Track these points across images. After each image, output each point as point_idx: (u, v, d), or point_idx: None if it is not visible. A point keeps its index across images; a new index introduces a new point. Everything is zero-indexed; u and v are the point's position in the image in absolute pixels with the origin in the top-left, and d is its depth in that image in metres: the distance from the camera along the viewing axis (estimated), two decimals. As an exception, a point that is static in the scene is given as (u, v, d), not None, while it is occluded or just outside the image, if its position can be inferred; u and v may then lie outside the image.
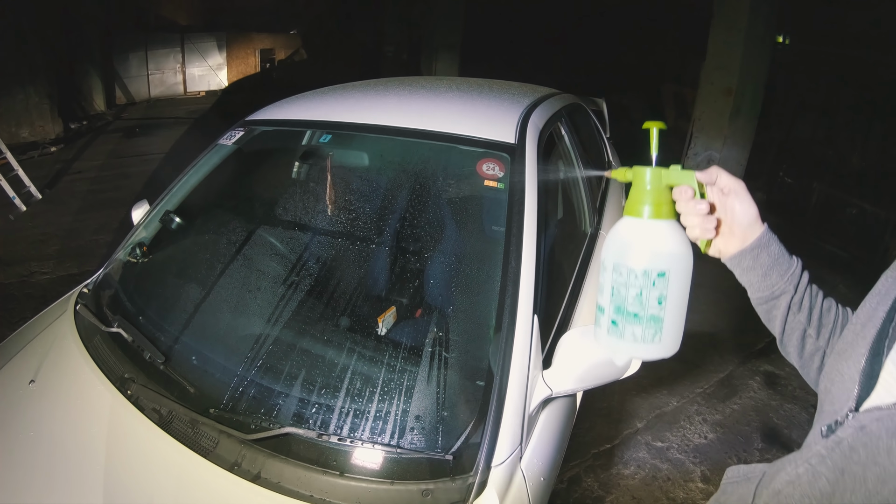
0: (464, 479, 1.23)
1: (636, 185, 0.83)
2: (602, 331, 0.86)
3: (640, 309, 0.80)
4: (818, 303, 0.89)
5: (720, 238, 0.89)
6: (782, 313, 0.89)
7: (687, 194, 0.82)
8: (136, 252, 1.96)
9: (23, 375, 1.59)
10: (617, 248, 0.82)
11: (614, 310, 0.82)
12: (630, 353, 0.84)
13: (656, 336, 0.81)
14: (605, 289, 0.84)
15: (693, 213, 0.83)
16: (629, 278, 0.80)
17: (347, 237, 1.99)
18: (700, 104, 6.31)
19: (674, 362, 3.50)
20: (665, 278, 0.79)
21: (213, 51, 16.85)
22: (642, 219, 0.82)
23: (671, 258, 0.80)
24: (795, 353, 0.93)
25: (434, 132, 1.85)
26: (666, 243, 0.81)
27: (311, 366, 1.55)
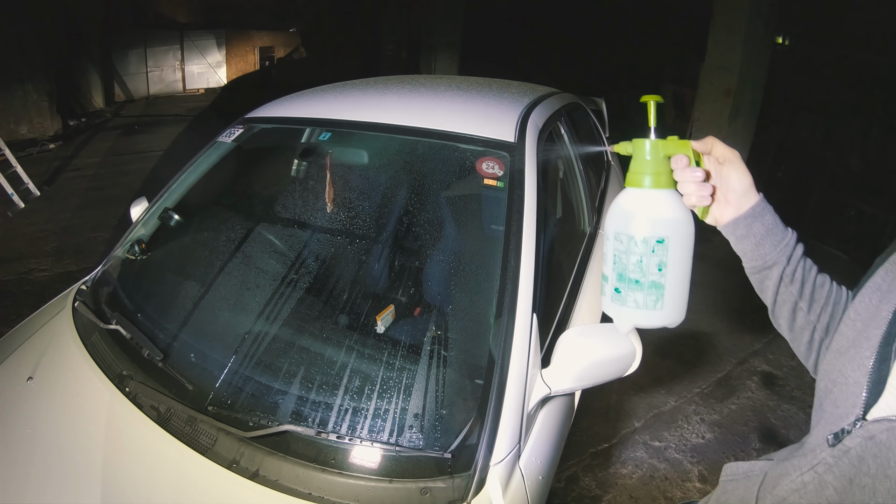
0: (462, 477, 1.23)
1: (636, 157, 0.86)
2: (606, 299, 0.88)
3: (641, 275, 0.82)
4: (811, 276, 0.90)
5: (716, 206, 0.91)
6: (774, 284, 0.90)
7: (683, 162, 0.84)
8: (135, 249, 1.95)
9: (21, 372, 1.59)
10: (618, 217, 0.85)
11: (617, 277, 0.85)
12: (633, 320, 0.86)
13: (658, 302, 0.83)
14: (607, 258, 0.87)
15: (689, 180, 0.85)
16: (629, 245, 0.82)
17: (346, 235, 1.99)
18: (699, 104, 6.31)
19: (672, 362, 3.52)
20: (664, 245, 0.81)
21: (213, 48, 16.83)
22: (642, 188, 0.84)
23: (670, 225, 0.82)
24: (786, 325, 0.94)
25: (433, 130, 1.84)
26: (664, 211, 0.83)
27: (309, 364, 1.55)
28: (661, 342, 3.65)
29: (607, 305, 0.89)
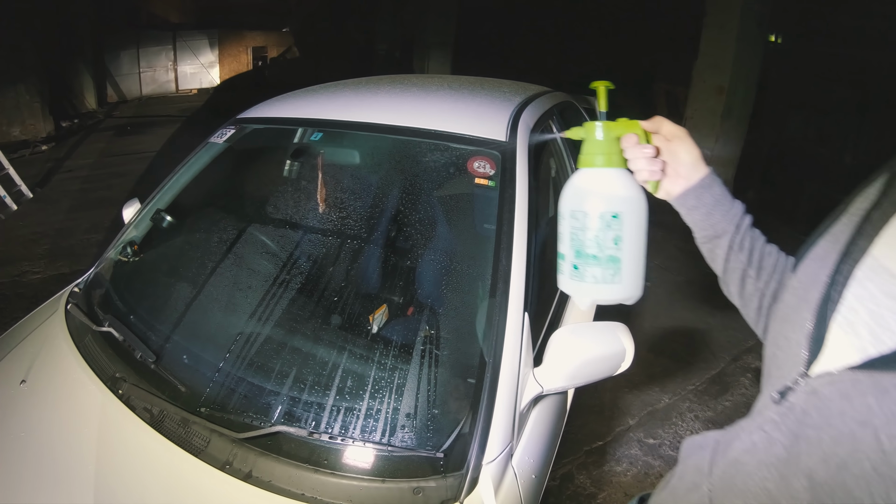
0: (455, 476, 1.23)
1: (588, 139, 0.90)
2: (565, 277, 0.91)
3: (598, 250, 0.85)
4: (759, 245, 0.94)
5: (667, 180, 0.95)
6: (724, 252, 0.94)
7: (632, 140, 0.89)
8: (128, 251, 1.95)
9: (14, 375, 1.59)
10: (573, 196, 0.88)
11: (574, 254, 0.88)
12: (592, 294, 0.89)
13: (616, 276, 0.86)
14: (564, 236, 0.90)
15: (639, 156, 0.89)
16: (585, 222, 0.86)
17: (338, 235, 1.99)
18: (692, 103, 6.34)
19: (665, 359, 3.54)
20: (619, 220, 0.84)
21: (205, 49, 16.81)
22: (594, 168, 0.88)
23: (623, 201, 0.86)
24: (736, 292, 0.97)
25: (425, 130, 1.84)
26: (617, 188, 0.87)
27: (302, 364, 1.55)
28: (654, 340, 3.66)
29: (566, 283, 0.92)
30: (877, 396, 0.58)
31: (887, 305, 0.62)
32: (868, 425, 0.58)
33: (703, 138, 6.23)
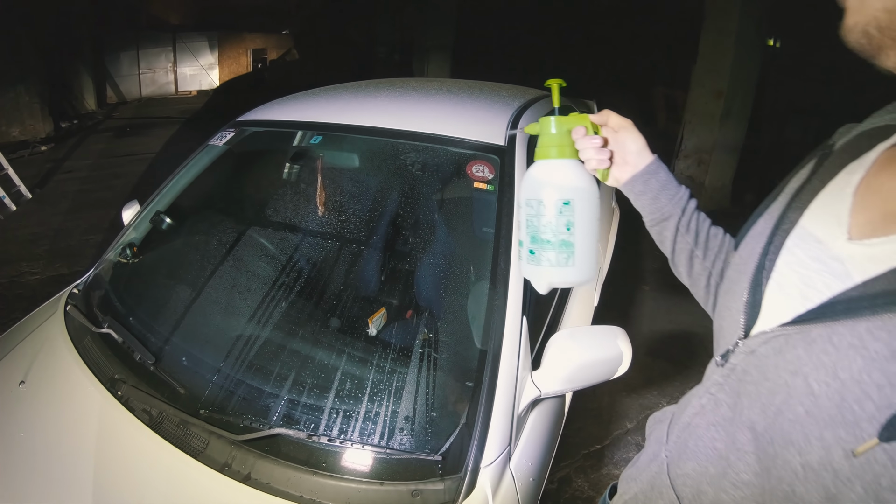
0: (453, 479, 1.23)
1: (543, 133, 0.96)
2: (523, 262, 0.96)
3: (552, 235, 0.90)
4: (705, 227, 1.00)
5: (615, 167, 1.01)
6: (671, 234, 1.00)
7: (581, 132, 0.95)
8: (127, 253, 1.96)
9: (13, 376, 1.59)
10: (528, 186, 0.93)
11: (530, 240, 0.93)
12: (548, 278, 0.94)
13: (569, 259, 0.91)
14: (521, 224, 0.95)
15: (588, 146, 0.95)
16: (539, 209, 0.91)
17: (337, 238, 1.99)
18: (691, 106, 6.34)
19: (663, 363, 3.54)
20: (571, 206, 0.89)
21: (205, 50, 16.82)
22: (548, 159, 0.94)
23: (574, 189, 0.91)
24: (685, 272, 1.03)
25: (424, 134, 1.85)
26: (568, 176, 0.92)
27: (301, 367, 1.55)
28: (652, 343, 3.67)
29: (524, 268, 0.96)
30: (805, 347, 0.63)
31: (814, 268, 0.68)
32: (799, 374, 0.63)
33: (701, 142, 6.24)
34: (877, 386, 0.55)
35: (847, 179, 0.72)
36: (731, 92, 5.95)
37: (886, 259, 0.60)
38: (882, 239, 0.62)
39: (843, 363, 0.58)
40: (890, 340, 0.55)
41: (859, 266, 0.63)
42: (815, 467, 0.60)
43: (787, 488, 0.64)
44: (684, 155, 6.42)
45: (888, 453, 0.54)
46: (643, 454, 1.04)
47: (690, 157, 6.37)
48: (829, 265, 0.66)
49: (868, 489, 0.55)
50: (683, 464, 0.84)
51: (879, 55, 0.60)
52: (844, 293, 0.62)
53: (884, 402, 0.54)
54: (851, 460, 0.56)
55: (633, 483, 1.02)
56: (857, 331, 0.58)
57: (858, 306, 0.59)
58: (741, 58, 5.86)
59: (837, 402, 0.58)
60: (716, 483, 0.77)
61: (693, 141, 6.32)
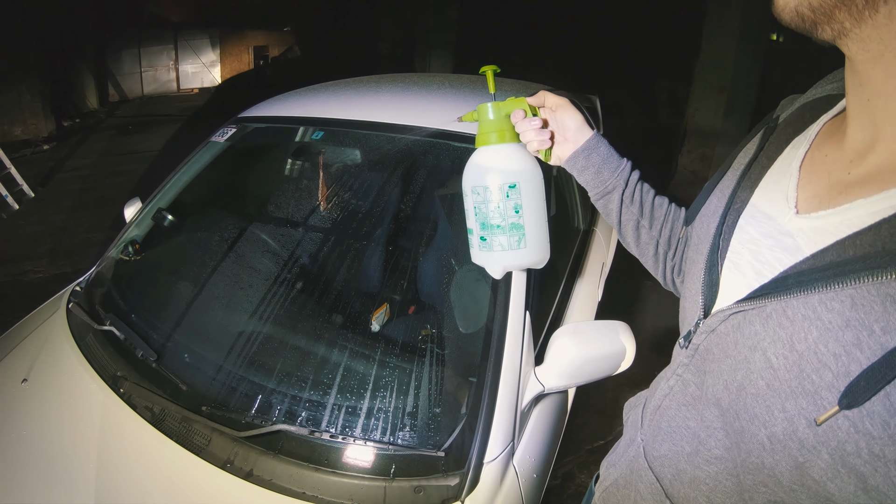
0: (456, 475, 1.23)
1: (482, 120, 0.96)
2: (475, 250, 0.97)
3: (502, 220, 0.91)
4: (650, 197, 1.02)
5: (557, 146, 1.03)
6: (616, 206, 1.02)
7: (520, 115, 0.96)
8: (129, 250, 1.95)
9: (15, 374, 1.59)
10: (473, 173, 0.94)
11: (480, 227, 0.94)
12: (502, 262, 0.95)
13: (521, 242, 0.92)
14: (469, 212, 0.96)
15: (528, 128, 0.96)
16: (486, 195, 0.92)
17: (340, 234, 1.99)
18: (693, 101, 6.33)
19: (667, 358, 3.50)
20: (517, 189, 0.91)
21: (207, 48, 16.79)
22: (490, 145, 0.95)
23: (518, 172, 0.92)
24: (633, 242, 1.05)
25: (427, 129, 1.84)
26: (512, 160, 0.93)
27: (303, 363, 1.55)
28: (656, 338, 3.66)
29: (476, 256, 0.98)
30: (762, 322, 0.64)
31: (766, 244, 0.69)
32: (757, 348, 0.64)
33: (704, 137, 6.22)
34: (833, 355, 0.56)
35: (793, 154, 0.74)
36: (734, 87, 5.93)
37: (833, 230, 0.61)
38: (829, 211, 0.63)
39: (798, 335, 0.60)
40: (842, 310, 0.56)
41: (808, 239, 0.64)
42: (781, 438, 0.61)
43: (756, 460, 0.66)
44: (687, 150, 6.41)
45: (850, 419, 0.54)
46: (621, 440, 1.06)
47: (693, 152, 6.35)
48: (780, 240, 0.68)
49: (834, 455, 0.56)
50: (659, 445, 0.86)
51: (815, 31, 0.60)
52: (795, 266, 0.63)
53: (841, 371, 0.55)
54: (815, 429, 0.57)
55: (612, 469, 1.04)
56: (811, 302, 0.59)
57: (810, 279, 0.59)
58: (744, 53, 5.84)
59: (796, 373, 0.59)
60: (691, 460, 0.78)
61: (696, 136, 6.31)
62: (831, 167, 0.67)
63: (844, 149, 0.66)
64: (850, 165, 0.65)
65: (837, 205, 0.62)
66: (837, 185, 0.64)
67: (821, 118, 0.74)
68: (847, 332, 0.55)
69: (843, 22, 0.57)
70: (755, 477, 0.67)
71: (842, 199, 0.62)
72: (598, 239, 2.58)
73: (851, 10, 0.55)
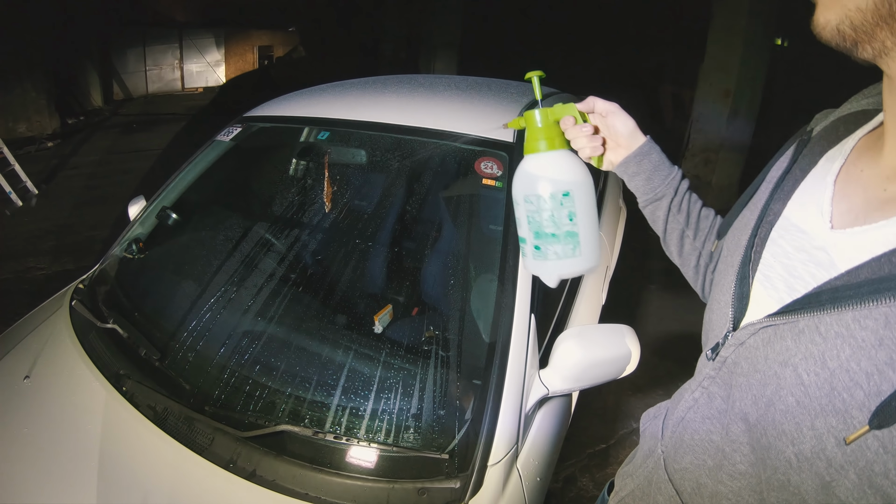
0: (460, 477, 1.23)
1: (529, 127, 0.95)
2: (528, 258, 0.96)
3: (556, 228, 0.90)
4: (696, 208, 1.02)
5: (609, 152, 1.02)
6: (664, 213, 1.01)
7: (570, 122, 0.95)
8: (133, 248, 1.95)
9: (18, 371, 1.59)
10: (524, 182, 0.93)
11: (534, 236, 0.93)
12: (557, 271, 0.94)
13: (576, 249, 0.92)
14: (521, 221, 0.95)
15: (580, 135, 0.96)
16: (539, 204, 0.90)
17: (344, 234, 1.99)
18: (698, 105, 6.31)
19: (670, 363, 3.52)
20: (570, 197, 0.89)
21: (212, 47, 16.82)
22: (539, 153, 0.93)
23: (571, 180, 0.91)
24: (676, 251, 1.05)
25: (432, 130, 1.84)
26: (564, 168, 0.92)
27: (307, 363, 1.55)
28: (659, 343, 3.65)
29: (530, 264, 0.97)
30: (794, 338, 0.63)
31: (798, 258, 0.69)
32: (788, 364, 0.63)
33: (708, 141, 6.21)
34: (865, 374, 0.55)
35: (827, 167, 0.73)
36: (739, 91, 5.92)
37: (869, 247, 0.60)
38: (864, 227, 0.62)
39: (831, 352, 0.59)
40: (876, 328, 0.55)
41: (843, 255, 0.63)
42: (809, 456, 0.61)
43: (782, 478, 0.65)
44: (691, 154, 6.39)
45: (879, 440, 0.54)
46: (639, 451, 1.04)
47: (697, 155, 6.34)
48: (814, 255, 0.67)
49: (861, 476, 0.55)
50: (681, 458, 0.85)
51: (856, 49, 0.59)
52: (829, 282, 0.62)
53: (873, 390, 0.54)
54: (844, 448, 0.57)
55: (629, 479, 1.03)
56: (844, 320, 0.58)
57: (844, 295, 0.59)
58: (749, 56, 5.83)
59: (827, 391, 0.58)
60: (713, 475, 0.77)
61: (700, 140, 6.30)
62: (867, 183, 0.66)
63: (881, 165, 0.66)
64: (887, 182, 0.64)
65: (873, 221, 0.61)
66: (874, 202, 0.64)
67: (856, 132, 0.73)
68: (880, 351, 0.55)
69: (885, 41, 0.57)
70: (779, 495, 0.66)
71: (878, 215, 0.62)
72: (601, 242, 2.57)
73: (893, 28, 0.55)
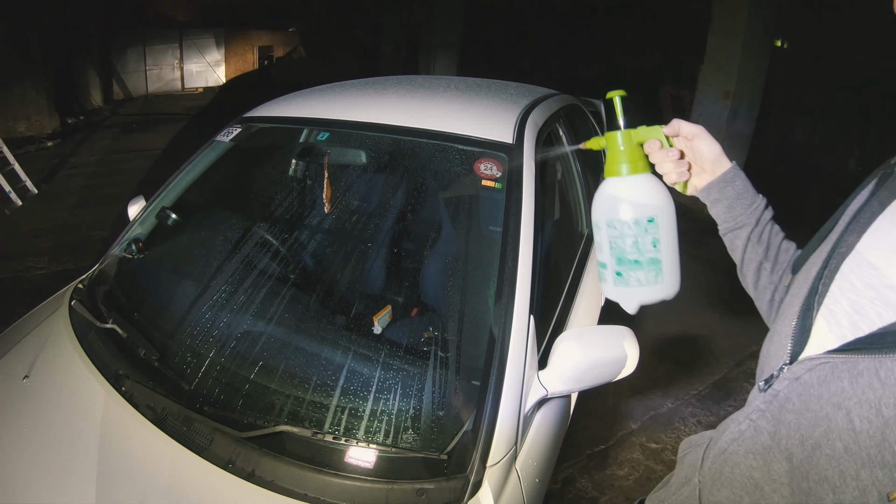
0: (458, 479, 1.23)
1: (611, 149, 0.92)
2: (609, 284, 0.94)
3: (639, 255, 0.88)
4: (777, 240, 0.98)
5: (693, 177, 0.99)
6: (743, 243, 0.98)
7: (656, 146, 0.93)
8: (132, 248, 1.95)
9: (17, 371, 1.58)
10: (606, 206, 0.91)
11: (616, 262, 0.90)
12: (638, 297, 0.92)
13: (658, 276, 0.89)
14: (603, 246, 0.92)
15: (666, 160, 0.94)
16: (623, 230, 0.88)
17: (344, 235, 1.99)
18: (698, 106, 6.32)
19: (669, 364, 3.52)
20: (655, 223, 0.87)
21: (212, 47, 16.79)
22: (622, 176, 0.90)
23: (656, 204, 0.88)
24: (752, 283, 1.02)
25: (432, 131, 1.84)
26: (648, 192, 0.89)
27: (306, 364, 1.55)
28: (657, 344, 3.65)
29: (611, 291, 0.94)
30: (851, 380, 0.61)
31: (867, 295, 0.66)
32: (841, 407, 0.61)
33: (708, 143, 6.20)
34: None
35: None
36: (739, 92, 5.93)
37: None
38: None
39: (888, 400, 0.56)
40: None
41: None
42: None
43: None
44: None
45: None
46: (674, 477, 1.02)
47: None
48: (883, 294, 0.64)
49: None
50: (717, 491, 0.82)
51: None
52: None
53: None
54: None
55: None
56: None
57: None
58: (749, 58, 5.83)
59: (878, 440, 0.56)
60: None
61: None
62: None
63: None
64: None
65: None
66: None
67: None
68: None
69: None
70: None
71: None
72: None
73: None
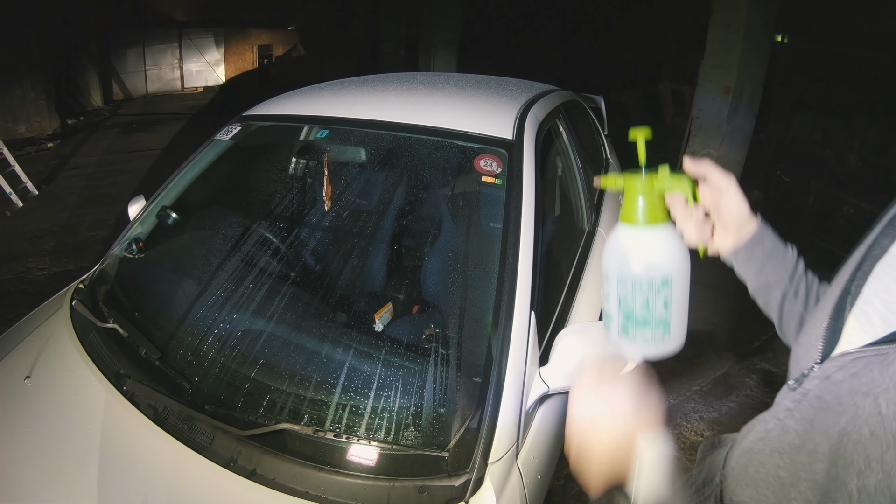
0: (460, 476, 1.22)
1: (628, 194, 0.83)
2: (613, 335, 0.87)
3: (648, 315, 0.81)
4: (814, 289, 0.92)
5: (715, 236, 0.92)
6: (778, 302, 0.93)
7: (680, 201, 0.86)
8: (133, 248, 1.95)
9: (18, 371, 1.59)
10: (618, 259, 0.83)
11: (623, 317, 0.84)
12: (641, 353, 0.86)
13: (665, 336, 0.83)
14: (611, 298, 0.85)
15: (689, 220, 0.87)
16: (634, 288, 0.81)
17: (344, 232, 1.98)
18: (698, 102, 6.30)
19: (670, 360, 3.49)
20: (668, 284, 0.80)
21: (211, 47, 16.80)
22: (638, 226, 0.82)
23: (672, 263, 0.81)
24: (794, 338, 0.93)
25: (432, 128, 1.84)
26: (665, 249, 0.81)
27: (307, 362, 1.55)
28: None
29: (615, 342, 0.88)
30: (881, 369, 0.61)
31: None
32: (870, 394, 0.60)
33: (709, 138, 6.20)
34: None
35: None
36: (739, 88, 5.91)
37: None
38: None
39: None
40: None
41: None
42: (871, 491, 0.57)
43: None
44: (691, 151, 6.38)
45: None
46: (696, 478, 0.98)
47: (698, 153, 6.33)
48: None
49: None
50: (741, 490, 0.80)
51: None
52: None
53: None
54: None
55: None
56: None
57: None
58: (749, 53, 5.82)
59: None
60: None
61: (700, 137, 6.29)
62: None
63: None
64: None
65: None
66: None
67: None
68: None
69: None
70: None
71: None
72: (602, 239, 2.57)
73: None
